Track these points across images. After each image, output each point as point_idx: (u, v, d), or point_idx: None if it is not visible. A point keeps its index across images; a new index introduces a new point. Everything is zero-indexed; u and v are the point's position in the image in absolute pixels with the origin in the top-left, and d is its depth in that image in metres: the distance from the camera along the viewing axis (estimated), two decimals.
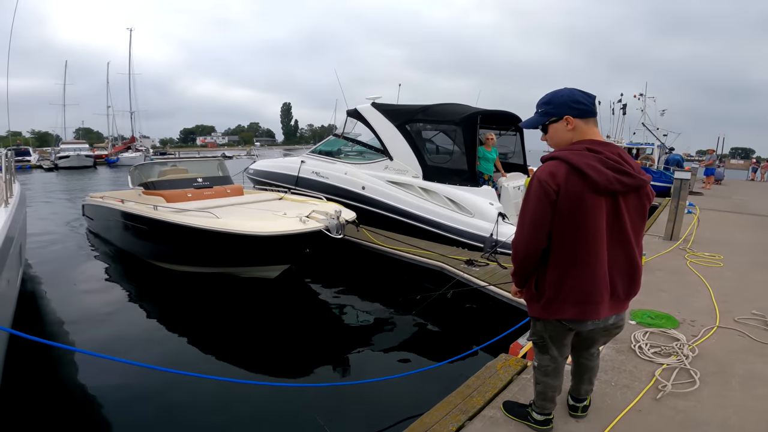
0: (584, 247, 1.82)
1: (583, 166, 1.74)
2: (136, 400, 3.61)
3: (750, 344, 3.35)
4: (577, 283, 1.87)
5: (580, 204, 1.77)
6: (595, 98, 1.91)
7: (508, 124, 8.48)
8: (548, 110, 1.92)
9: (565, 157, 1.79)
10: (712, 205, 11.57)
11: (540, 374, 2.19)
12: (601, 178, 1.74)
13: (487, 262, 5.73)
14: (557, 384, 2.20)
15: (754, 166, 25.70)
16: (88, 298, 6.04)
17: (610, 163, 1.77)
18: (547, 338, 2.09)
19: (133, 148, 43.15)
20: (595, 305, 1.89)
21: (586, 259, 1.83)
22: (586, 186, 1.76)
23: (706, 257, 5.96)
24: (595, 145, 1.82)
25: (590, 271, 1.85)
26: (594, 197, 1.77)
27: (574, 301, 1.89)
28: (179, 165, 8.20)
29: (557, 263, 1.88)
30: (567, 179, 1.76)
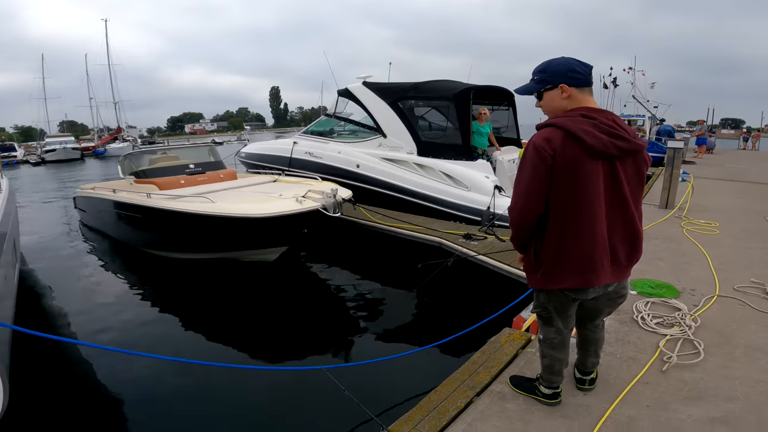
0: (582, 212, 1.81)
1: (578, 132, 1.74)
2: (145, 391, 3.61)
3: (751, 313, 3.36)
4: (575, 250, 1.85)
5: (576, 169, 1.76)
6: (591, 68, 1.90)
7: (501, 100, 8.48)
8: (544, 78, 1.91)
9: (560, 123, 1.79)
10: (705, 174, 11.65)
11: (546, 347, 2.20)
12: (597, 143, 1.74)
13: (486, 236, 5.74)
14: (564, 357, 2.21)
15: (745, 136, 25.82)
16: (87, 291, 6.00)
17: (604, 128, 1.77)
18: (551, 310, 2.08)
19: (120, 139, 42.80)
20: (595, 272, 1.87)
21: (584, 225, 1.82)
22: (581, 151, 1.75)
23: (702, 225, 6.01)
24: (590, 112, 1.81)
25: (589, 237, 1.83)
26: (590, 162, 1.76)
27: (574, 268, 1.88)
28: (169, 153, 8.10)
29: (555, 231, 1.87)
30: (563, 144, 1.75)
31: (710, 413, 2.22)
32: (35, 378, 3.72)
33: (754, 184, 10.19)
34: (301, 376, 3.57)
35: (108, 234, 7.91)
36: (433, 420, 2.23)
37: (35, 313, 5.23)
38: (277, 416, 3.29)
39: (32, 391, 3.52)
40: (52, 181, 21.25)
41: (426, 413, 2.28)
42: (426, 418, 2.24)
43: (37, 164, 33.21)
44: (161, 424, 3.29)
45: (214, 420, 3.24)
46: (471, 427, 2.20)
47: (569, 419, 2.22)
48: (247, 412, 3.30)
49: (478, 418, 2.26)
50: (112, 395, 3.61)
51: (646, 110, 22.29)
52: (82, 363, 4.08)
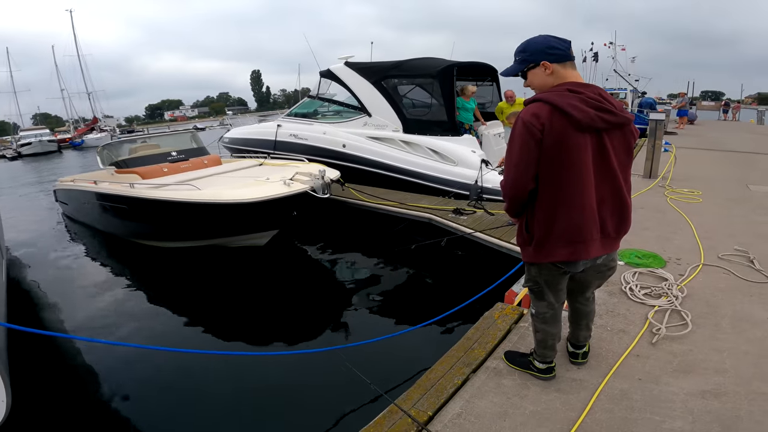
0: (571, 185, 1.84)
1: (565, 106, 1.76)
2: (143, 382, 3.59)
3: (736, 282, 3.42)
4: (565, 223, 1.88)
5: (564, 142, 1.79)
6: (570, 43, 1.93)
7: (484, 75, 8.48)
8: (525, 57, 1.95)
9: (547, 98, 1.82)
10: (687, 144, 11.81)
11: (538, 322, 2.23)
12: (583, 116, 1.77)
13: (474, 210, 5.77)
14: (556, 331, 2.24)
15: (725, 108, 26.18)
16: (77, 284, 5.89)
17: (591, 102, 1.80)
18: (542, 284, 2.11)
19: (97, 129, 41.72)
20: (584, 243, 1.91)
21: (573, 197, 1.85)
22: (569, 125, 1.77)
23: (686, 193, 6.11)
24: (576, 86, 1.84)
25: (578, 210, 1.86)
26: (578, 135, 1.79)
27: (564, 241, 1.91)
28: (150, 141, 7.90)
29: (545, 204, 1.90)
30: (550, 119, 1.78)
31: (701, 386, 2.26)
32: (30, 374, 3.66)
33: (735, 152, 10.37)
34: (298, 359, 3.59)
35: (92, 226, 7.75)
36: (432, 398, 2.26)
37: (25, 308, 5.13)
38: (279, 400, 3.31)
39: (28, 386, 3.47)
40: (31, 174, 20.65)
41: (424, 391, 2.31)
42: (424, 396, 2.27)
43: (14, 158, 32.32)
44: (163, 413, 3.29)
45: (215, 407, 3.24)
46: (469, 403, 2.23)
47: (564, 393, 2.26)
48: (249, 397, 3.32)
49: (475, 394, 2.30)
50: (110, 388, 3.58)
51: (627, 84, 22.45)
52: (77, 358, 4.03)
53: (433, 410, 2.17)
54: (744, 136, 14.63)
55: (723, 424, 2.00)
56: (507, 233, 4.96)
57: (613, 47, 25.70)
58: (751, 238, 4.29)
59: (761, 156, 9.84)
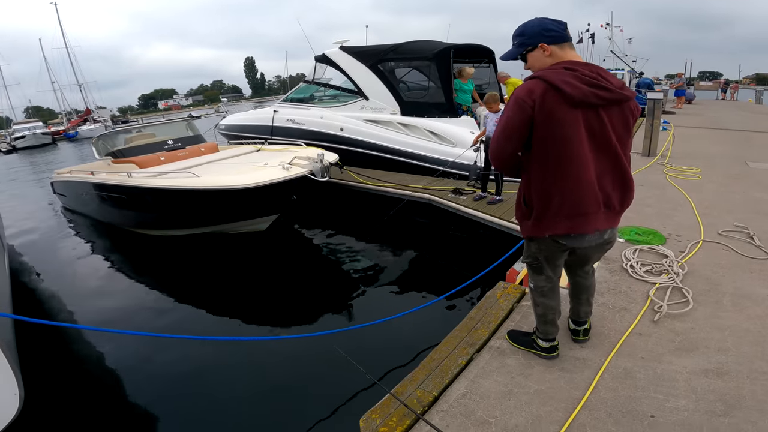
0: (565, 160, 1.86)
1: (558, 82, 1.79)
2: (155, 369, 3.63)
3: (736, 259, 3.41)
4: (563, 197, 1.91)
5: (555, 117, 1.82)
6: (565, 24, 1.95)
7: (481, 57, 8.41)
8: (523, 41, 1.97)
9: (543, 75, 1.85)
10: (685, 123, 11.75)
11: (537, 295, 2.25)
12: (576, 92, 1.78)
13: (474, 190, 5.77)
14: (555, 304, 2.25)
15: (723, 87, 25.97)
16: (79, 275, 5.90)
17: (586, 78, 1.81)
18: (542, 259, 2.13)
19: (90, 120, 41.31)
20: (585, 216, 1.93)
21: (568, 171, 1.87)
22: (561, 100, 1.80)
23: (684, 171, 6.09)
24: (573, 64, 1.87)
25: (574, 183, 1.88)
26: (569, 110, 1.81)
27: (564, 214, 1.93)
28: (145, 130, 7.84)
29: (541, 178, 1.94)
30: (543, 95, 1.81)
31: (703, 365, 2.27)
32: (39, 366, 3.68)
33: (733, 131, 10.32)
34: (304, 342, 3.61)
35: (92, 216, 7.73)
36: (437, 378, 2.27)
37: (29, 300, 5.14)
38: (280, 384, 3.34)
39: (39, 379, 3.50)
40: (28, 167, 20.51)
41: (429, 372, 2.33)
42: (429, 377, 2.29)
43: (9, 152, 32.04)
44: (162, 397, 3.32)
45: (215, 392, 3.28)
46: (474, 383, 2.25)
47: (568, 372, 2.27)
48: (251, 382, 3.34)
49: (479, 374, 2.31)
50: (116, 376, 3.61)
51: (624, 64, 22.29)
52: (84, 347, 4.06)
53: (438, 391, 2.19)
54: (742, 114, 14.55)
55: (726, 403, 2.01)
56: (507, 212, 4.95)
57: (610, 28, 25.55)
58: (750, 215, 4.30)
59: (760, 134, 9.80)
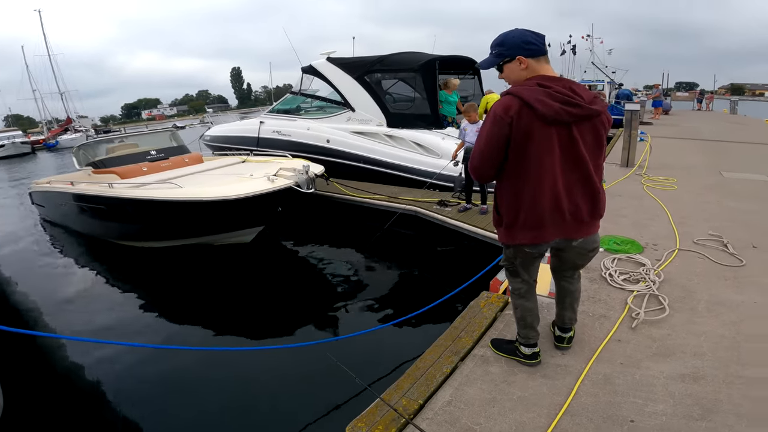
0: (533, 174, 1.93)
1: (531, 100, 1.85)
2: (140, 381, 3.57)
3: (710, 266, 3.53)
4: (529, 210, 1.99)
5: (530, 134, 1.88)
6: (544, 37, 2.00)
7: (466, 69, 8.51)
8: (501, 51, 2.01)
9: (517, 92, 1.91)
10: (662, 133, 12.11)
11: (516, 297, 2.32)
12: (548, 110, 1.85)
13: (459, 201, 5.83)
14: (532, 306, 2.31)
15: (699, 97, 26.91)
16: (59, 286, 5.75)
17: (558, 96, 1.87)
18: (517, 263, 2.23)
19: (71, 130, 40.49)
20: (545, 228, 2.02)
21: (535, 185, 1.95)
22: (535, 118, 1.86)
23: (661, 181, 6.28)
24: (546, 81, 1.92)
25: (541, 198, 1.96)
26: (544, 128, 1.87)
27: (528, 226, 2.02)
28: (127, 140, 7.75)
29: (511, 190, 2.02)
30: (519, 112, 1.87)
31: (680, 370, 2.34)
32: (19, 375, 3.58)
33: (709, 141, 10.68)
34: (290, 353, 3.59)
35: (71, 227, 7.57)
36: (422, 386, 2.29)
37: (6, 311, 5.02)
38: (267, 395, 3.32)
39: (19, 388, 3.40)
40: (5, 177, 20.00)
41: (414, 380, 2.34)
42: (415, 385, 2.30)
43: None
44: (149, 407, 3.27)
45: (202, 402, 3.25)
46: (458, 391, 2.27)
47: (550, 379, 2.32)
48: (239, 392, 3.32)
49: (464, 382, 2.34)
50: (97, 385, 3.55)
51: (605, 75, 22.91)
52: (63, 358, 3.99)
53: (423, 399, 2.21)
54: (718, 125, 15.06)
55: (703, 407, 2.07)
56: (491, 224, 5.01)
57: (590, 39, 26.22)
58: (725, 223, 4.44)
59: (734, 144, 10.16)
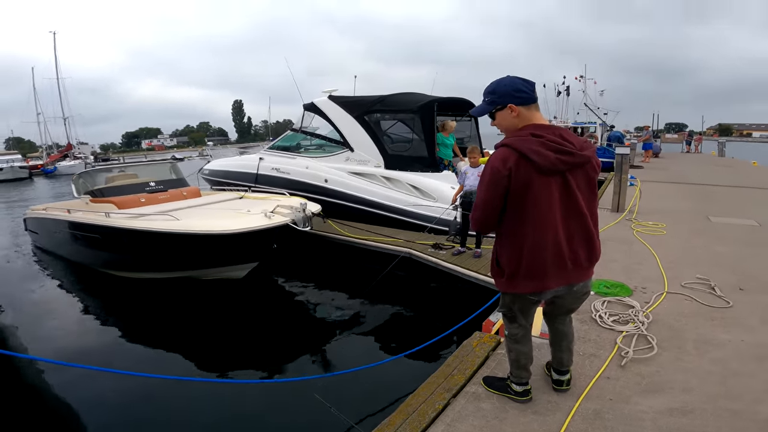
0: (534, 225, 1.98)
1: (527, 152, 1.91)
2: (117, 410, 3.54)
3: (698, 308, 3.63)
4: (531, 261, 2.02)
5: (529, 186, 1.93)
6: (534, 85, 2.07)
7: (463, 111, 8.73)
8: (493, 99, 2.08)
9: (512, 144, 1.96)
10: (652, 177, 12.42)
11: (511, 342, 2.36)
12: (545, 161, 1.91)
13: (453, 245, 5.90)
14: (527, 350, 2.36)
15: (688, 139, 27.73)
16: (47, 315, 5.71)
17: (552, 145, 1.93)
18: (515, 310, 2.26)
19: (70, 156, 40.70)
20: (547, 278, 2.05)
21: (536, 236, 1.98)
22: (533, 169, 1.92)
23: (651, 226, 6.42)
24: (538, 130, 1.98)
25: (540, 248, 2.00)
26: (541, 178, 1.93)
27: (530, 276, 2.05)
28: (127, 170, 7.85)
29: (511, 240, 2.05)
30: (516, 164, 1.92)
31: (669, 405, 2.38)
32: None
33: (697, 185, 10.97)
34: (276, 389, 3.59)
35: (64, 256, 7.55)
36: (414, 423, 2.30)
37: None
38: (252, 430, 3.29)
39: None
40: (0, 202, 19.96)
41: (406, 416, 2.36)
42: (406, 422, 2.32)
43: None
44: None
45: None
46: (450, 427, 2.29)
47: (541, 415, 2.34)
48: (224, 427, 3.28)
49: (456, 418, 2.35)
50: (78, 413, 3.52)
51: (597, 117, 23.57)
52: (42, 382, 3.96)
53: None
54: (705, 168, 15.48)
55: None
56: (484, 267, 5.11)
57: (583, 80, 26.84)
58: (712, 267, 4.55)
59: (721, 188, 10.44)
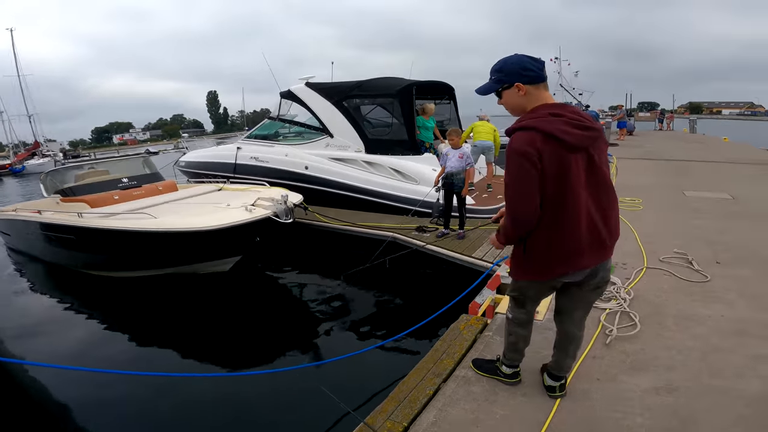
0: (568, 205, 1.89)
1: (556, 132, 1.82)
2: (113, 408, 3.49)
3: (677, 283, 3.70)
4: (569, 242, 1.94)
5: (560, 165, 1.84)
6: (543, 63, 1.97)
7: (442, 94, 8.76)
8: (500, 77, 1.97)
9: (535, 125, 1.85)
10: (627, 154, 12.67)
11: (514, 325, 2.32)
12: (575, 139, 1.84)
13: (437, 227, 5.92)
14: (527, 335, 2.35)
15: (660, 117, 28.33)
16: (28, 316, 5.52)
17: (575, 123, 1.86)
18: (528, 295, 2.22)
19: (39, 154, 39.23)
20: (581, 257, 1.96)
21: (570, 216, 1.90)
22: (563, 149, 1.83)
23: (628, 202, 6.53)
24: (555, 109, 1.91)
25: (575, 227, 1.91)
26: (571, 157, 1.86)
27: (563, 257, 1.96)
28: (98, 167, 7.55)
29: (545, 225, 1.93)
30: (545, 145, 1.82)
31: (654, 383, 2.43)
32: None
33: (671, 161, 11.23)
34: (271, 378, 3.56)
35: (39, 257, 7.28)
36: (406, 409, 2.30)
37: None
38: (251, 420, 3.27)
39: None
40: None
41: (398, 403, 2.36)
42: (398, 408, 2.32)
43: None
44: None
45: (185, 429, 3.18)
46: (442, 412, 2.29)
47: (530, 397, 2.37)
48: (219, 419, 3.26)
49: (447, 403, 2.36)
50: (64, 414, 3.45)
51: (572, 98, 23.86)
52: (26, 383, 3.88)
53: (407, 421, 2.22)
54: (678, 144, 15.87)
55: (681, 419, 2.14)
56: (469, 248, 5.13)
57: (558, 62, 27.11)
58: (689, 241, 4.67)
59: (694, 163, 10.72)
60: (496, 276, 3.82)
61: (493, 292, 3.66)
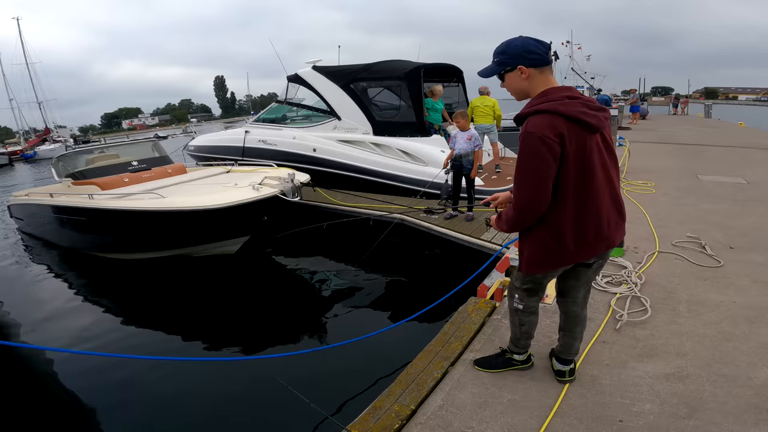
0: (592, 189, 1.85)
1: (577, 114, 1.76)
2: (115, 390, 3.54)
3: (689, 267, 3.63)
4: (593, 227, 1.89)
5: (584, 149, 1.79)
6: (548, 46, 1.90)
7: (450, 76, 8.64)
8: (503, 60, 1.91)
9: (555, 108, 1.77)
10: (640, 138, 12.42)
11: (526, 315, 2.26)
12: (596, 121, 1.79)
13: (445, 209, 5.88)
14: (537, 319, 2.34)
15: (675, 102, 27.72)
16: (40, 301, 5.60)
17: (592, 104, 1.83)
18: (543, 284, 2.18)
19: (50, 140, 39.73)
20: (604, 240, 1.94)
21: (594, 200, 1.86)
22: (585, 131, 1.79)
23: (640, 185, 6.44)
24: (570, 92, 1.86)
25: (599, 211, 1.88)
26: (592, 139, 1.82)
27: (587, 243, 1.91)
28: (108, 151, 7.61)
29: (572, 211, 1.86)
30: (567, 129, 1.76)
31: (664, 369, 2.39)
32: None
33: (685, 145, 10.99)
34: (279, 362, 3.57)
35: (51, 240, 7.39)
36: (414, 392, 2.31)
37: None
38: (260, 403, 3.31)
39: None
40: None
41: (406, 386, 2.36)
42: (406, 391, 2.32)
43: None
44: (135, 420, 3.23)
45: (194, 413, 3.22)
46: (449, 395, 2.29)
47: (539, 381, 2.35)
48: (227, 401, 3.29)
49: (455, 386, 2.36)
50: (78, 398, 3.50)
51: (584, 81, 23.44)
52: (41, 368, 3.94)
53: (415, 404, 2.22)
54: (693, 129, 15.51)
55: (689, 406, 2.12)
56: (477, 230, 5.09)
57: (570, 46, 26.69)
58: (702, 225, 4.58)
59: (709, 147, 10.48)
60: (505, 258, 3.79)
61: (502, 275, 3.63)
